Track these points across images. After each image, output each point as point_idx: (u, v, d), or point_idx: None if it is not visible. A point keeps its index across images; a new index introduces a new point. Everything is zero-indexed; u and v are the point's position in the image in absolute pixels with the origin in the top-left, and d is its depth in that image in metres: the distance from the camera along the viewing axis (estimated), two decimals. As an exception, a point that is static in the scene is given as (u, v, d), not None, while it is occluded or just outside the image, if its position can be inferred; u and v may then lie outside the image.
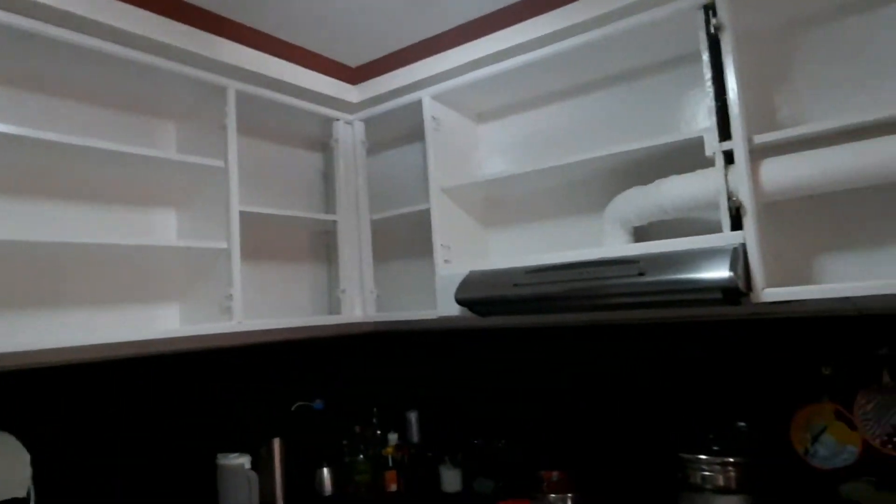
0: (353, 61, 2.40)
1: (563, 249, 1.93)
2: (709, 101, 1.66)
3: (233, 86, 2.04)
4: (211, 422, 2.17)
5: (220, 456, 2.09)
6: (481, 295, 1.94)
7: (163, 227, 2.13)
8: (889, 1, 1.60)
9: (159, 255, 2.01)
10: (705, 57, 1.66)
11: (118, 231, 2.00)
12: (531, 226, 2.28)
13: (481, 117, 2.45)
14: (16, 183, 1.78)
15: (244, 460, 2.07)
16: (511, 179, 2.13)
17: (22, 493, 1.64)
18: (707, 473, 1.68)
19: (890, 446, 1.56)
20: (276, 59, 2.13)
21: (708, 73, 1.66)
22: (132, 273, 2.02)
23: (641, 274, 1.59)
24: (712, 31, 1.64)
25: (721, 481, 1.67)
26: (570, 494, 1.88)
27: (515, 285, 1.85)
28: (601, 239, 1.94)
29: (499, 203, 2.38)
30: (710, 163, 1.65)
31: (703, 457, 1.70)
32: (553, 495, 1.89)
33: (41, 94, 1.86)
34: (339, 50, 2.30)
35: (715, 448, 1.71)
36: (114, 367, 1.94)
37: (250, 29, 2.06)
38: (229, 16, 1.99)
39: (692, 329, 1.96)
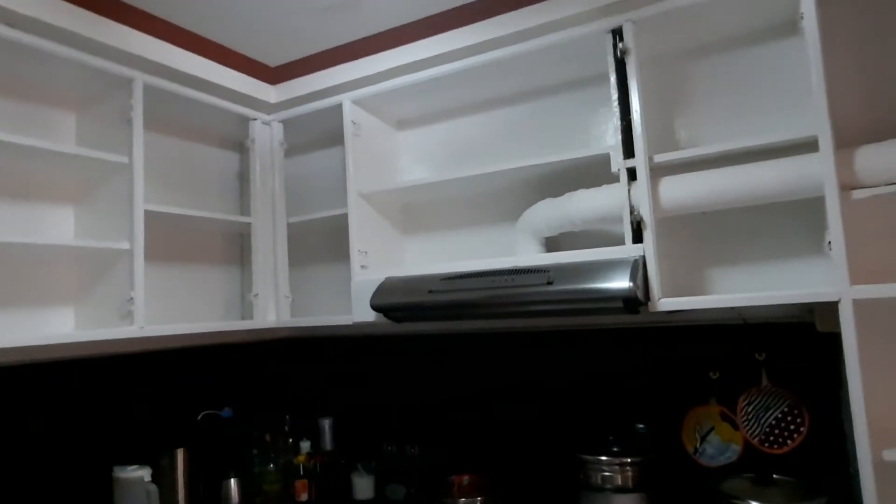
0: (273, 61, 2.35)
1: (477, 258, 1.97)
2: (615, 121, 1.75)
3: (140, 78, 1.94)
4: (107, 432, 2.05)
5: (116, 468, 1.97)
6: (397, 301, 1.95)
7: (59, 225, 1.99)
8: (773, 37, 1.77)
9: (54, 254, 1.88)
10: (612, 78, 1.76)
11: (7, 227, 1.85)
12: (447, 234, 2.32)
13: (401, 124, 2.47)
14: None
15: (143, 473, 1.97)
16: (428, 187, 2.16)
17: None
18: (607, 473, 1.77)
19: (767, 444, 1.71)
20: (188, 53, 2.05)
21: (614, 94, 1.76)
22: (22, 273, 1.88)
23: (550, 283, 1.66)
24: (619, 55, 1.74)
25: (619, 481, 1.76)
26: (479, 498, 1.92)
27: (430, 292, 1.88)
28: (514, 248, 2.01)
29: (416, 210, 2.40)
30: (615, 179, 1.74)
31: (603, 458, 1.78)
32: (463, 499, 1.93)
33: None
34: (258, 48, 2.25)
35: (615, 449, 1.81)
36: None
37: (160, 20, 1.97)
38: (136, 4, 1.90)
39: (596, 336, 2.06)
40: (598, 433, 1.92)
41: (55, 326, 1.95)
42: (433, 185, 2.14)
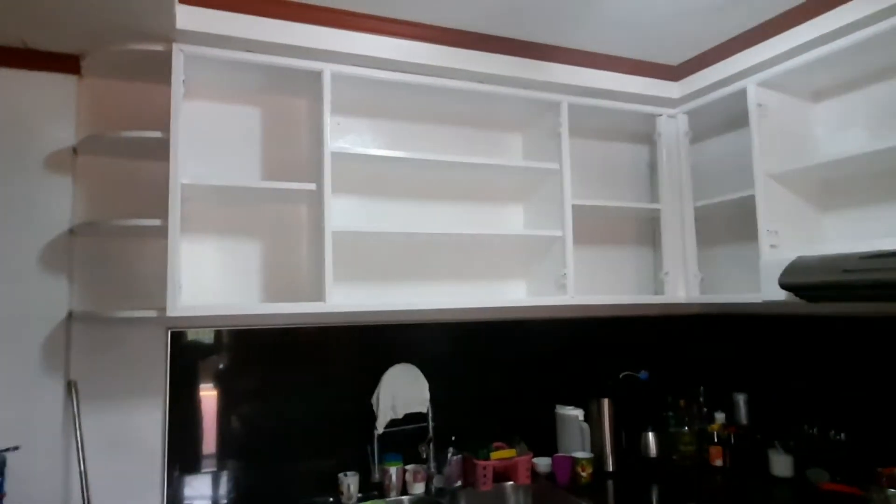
0: (674, 60, 2.53)
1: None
2: None
3: (565, 100, 2.43)
4: (551, 378, 2.63)
5: (558, 406, 2.55)
6: (806, 280, 1.92)
7: (512, 219, 2.66)
8: None
9: (510, 241, 2.55)
10: None
11: (479, 223, 2.57)
12: (874, 209, 2.12)
13: (818, 96, 2.33)
14: (404, 191, 2.46)
15: (578, 413, 2.47)
16: (850, 161, 2.02)
17: (423, 409, 2.31)
18: None
19: None
20: (601, 72, 2.43)
21: None
22: (489, 255, 2.58)
23: None
24: None
25: None
26: (911, 493, 1.75)
27: (845, 271, 1.80)
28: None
29: (838, 185, 2.25)
30: None
31: None
32: (892, 490, 1.78)
33: (422, 123, 2.51)
34: (659, 52, 2.45)
35: None
36: (473, 327, 2.52)
37: (576, 50, 2.39)
38: (557, 43, 2.35)
39: None
40: None
41: (512, 294, 2.62)
42: (855, 159, 1.99)
